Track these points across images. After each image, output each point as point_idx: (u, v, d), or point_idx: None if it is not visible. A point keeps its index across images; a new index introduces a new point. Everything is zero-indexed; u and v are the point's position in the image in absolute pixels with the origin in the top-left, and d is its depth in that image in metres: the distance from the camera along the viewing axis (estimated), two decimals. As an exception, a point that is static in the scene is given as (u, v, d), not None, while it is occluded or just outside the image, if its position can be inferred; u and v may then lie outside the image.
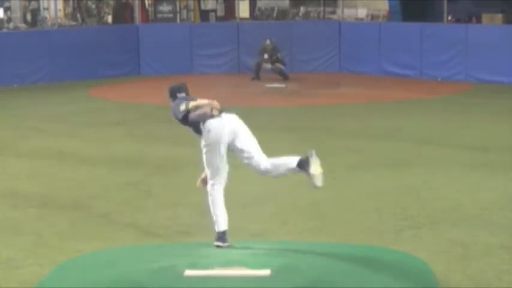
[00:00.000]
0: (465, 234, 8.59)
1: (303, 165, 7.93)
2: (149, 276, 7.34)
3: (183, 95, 8.35)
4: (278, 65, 22.45)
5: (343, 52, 23.85)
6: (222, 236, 8.05)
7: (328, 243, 8.45)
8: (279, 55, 22.56)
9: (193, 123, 8.09)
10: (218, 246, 8.03)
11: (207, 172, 8.11)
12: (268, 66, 22.54)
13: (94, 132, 15.31)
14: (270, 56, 22.43)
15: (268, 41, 22.55)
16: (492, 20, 22.55)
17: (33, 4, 25.14)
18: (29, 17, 24.86)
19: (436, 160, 12.35)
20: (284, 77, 22.24)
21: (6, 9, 24.41)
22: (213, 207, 8.08)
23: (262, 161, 8.06)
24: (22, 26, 24.28)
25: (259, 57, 22.55)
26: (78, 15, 25.60)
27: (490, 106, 17.77)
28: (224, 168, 8.07)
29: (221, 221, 8.06)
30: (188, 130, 8.21)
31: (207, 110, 8.06)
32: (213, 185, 8.07)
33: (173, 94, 8.37)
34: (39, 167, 12.42)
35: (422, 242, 8.35)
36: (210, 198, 8.09)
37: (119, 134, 14.87)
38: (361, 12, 25.02)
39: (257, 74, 22.32)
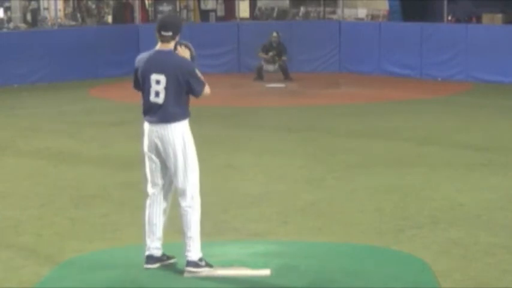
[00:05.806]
0: (465, 234, 8.59)
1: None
2: (149, 276, 7.35)
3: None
4: (283, 59, 21.81)
5: (343, 52, 23.82)
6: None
7: (328, 243, 8.45)
8: (283, 57, 21.94)
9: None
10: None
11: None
12: (271, 68, 22.05)
13: (94, 132, 15.29)
14: (275, 54, 21.87)
15: (275, 33, 22.12)
16: (492, 20, 22.54)
17: (33, 4, 25.17)
18: (29, 17, 24.88)
19: (436, 160, 12.34)
20: (286, 75, 21.95)
21: (6, 9, 24.44)
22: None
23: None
24: (22, 26, 24.29)
25: (261, 54, 22.01)
26: (78, 15, 25.63)
27: (490, 106, 17.76)
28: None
29: None
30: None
31: None
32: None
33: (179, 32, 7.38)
34: (39, 167, 12.41)
35: (423, 242, 8.34)
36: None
37: (119, 134, 14.85)
38: (361, 12, 25.03)
39: (260, 74, 22.04)
